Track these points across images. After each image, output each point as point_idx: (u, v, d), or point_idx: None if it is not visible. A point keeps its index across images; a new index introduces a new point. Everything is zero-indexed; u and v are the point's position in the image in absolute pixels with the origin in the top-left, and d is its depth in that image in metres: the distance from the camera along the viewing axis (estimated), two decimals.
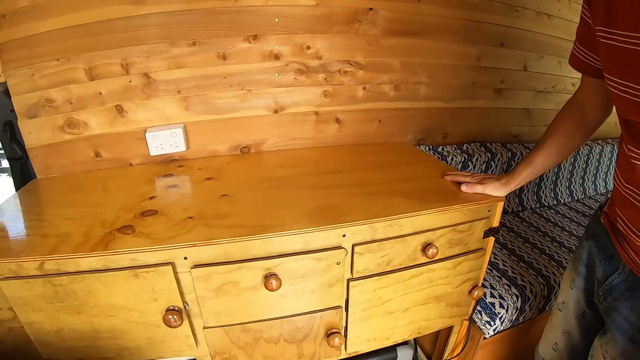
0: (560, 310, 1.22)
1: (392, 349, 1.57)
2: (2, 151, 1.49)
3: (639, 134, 0.82)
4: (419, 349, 1.77)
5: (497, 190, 1.25)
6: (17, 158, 1.45)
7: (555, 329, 1.25)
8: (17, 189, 1.42)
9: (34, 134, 1.43)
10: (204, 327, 1.11)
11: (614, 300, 0.96)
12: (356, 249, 1.11)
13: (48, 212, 1.19)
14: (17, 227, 1.10)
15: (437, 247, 1.16)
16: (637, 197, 0.84)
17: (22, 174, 1.47)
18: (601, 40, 0.84)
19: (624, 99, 0.80)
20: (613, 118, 2.54)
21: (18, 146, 1.43)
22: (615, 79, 0.82)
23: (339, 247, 1.09)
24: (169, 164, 1.56)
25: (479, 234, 1.25)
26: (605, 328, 1.00)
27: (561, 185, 2.35)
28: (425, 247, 1.17)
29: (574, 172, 2.38)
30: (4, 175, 4.55)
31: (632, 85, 0.76)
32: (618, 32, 0.78)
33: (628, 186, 0.87)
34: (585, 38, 0.97)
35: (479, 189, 1.26)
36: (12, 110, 1.40)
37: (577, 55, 1.03)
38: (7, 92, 1.37)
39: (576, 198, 2.44)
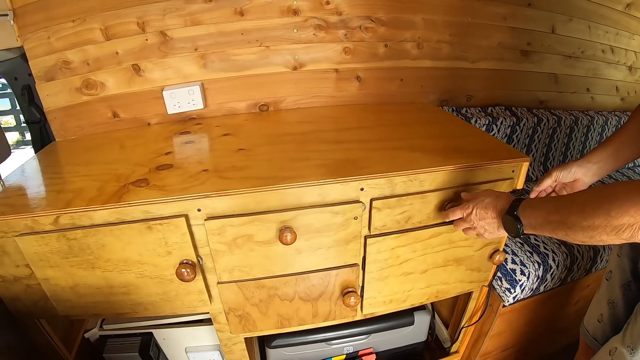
0: (608, 280, 1.23)
1: (409, 313, 1.55)
2: (25, 124, 1.50)
3: None
4: (436, 316, 1.76)
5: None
6: (35, 121, 1.47)
7: (601, 299, 1.25)
8: (36, 152, 1.43)
9: (52, 96, 1.44)
10: (218, 283, 1.11)
11: None
12: (374, 203, 1.08)
13: (64, 171, 1.20)
14: (33, 185, 1.11)
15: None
16: None
17: (41, 137, 1.49)
18: None
19: None
20: None
21: (36, 109, 1.45)
22: None
23: (357, 201, 1.07)
24: (186, 122, 1.55)
25: None
26: None
27: None
28: (446, 205, 1.13)
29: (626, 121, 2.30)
30: (28, 147, 4.63)
31: None
32: None
33: None
34: None
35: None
36: (30, 74, 1.41)
37: None
38: (24, 56, 1.38)
39: None
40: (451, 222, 1.12)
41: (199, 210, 1.00)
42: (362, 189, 1.06)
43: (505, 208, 0.94)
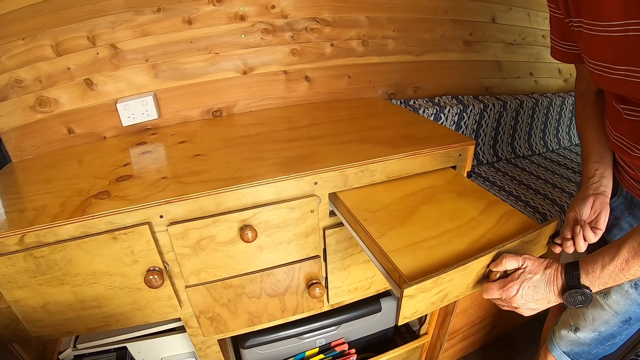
0: None
1: (376, 300, 1.60)
2: None
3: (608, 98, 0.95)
4: None
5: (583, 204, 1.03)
6: None
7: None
8: None
9: (6, 116, 1.41)
10: (186, 287, 1.13)
11: (615, 219, 1.06)
12: (330, 196, 1.13)
13: (25, 190, 1.19)
14: None
15: None
16: (626, 143, 0.93)
17: None
18: (574, 29, 0.92)
19: (595, 74, 0.90)
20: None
21: None
22: (588, 59, 0.91)
23: (312, 195, 1.11)
24: (142, 133, 1.55)
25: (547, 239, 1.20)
26: None
27: (535, 136, 2.38)
28: (486, 271, 1.01)
29: (548, 123, 2.41)
30: None
31: (601, 63, 0.86)
32: (586, 20, 0.86)
33: (617, 134, 0.96)
34: (563, 32, 1.03)
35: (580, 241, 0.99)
36: None
37: (561, 50, 1.08)
38: None
39: (551, 149, 2.47)
40: None
41: (161, 216, 1.02)
42: (315, 183, 1.10)
43: (563, 284, 0.82)
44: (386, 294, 1.61)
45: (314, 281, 1.25)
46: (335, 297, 1.33)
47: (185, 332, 1.28)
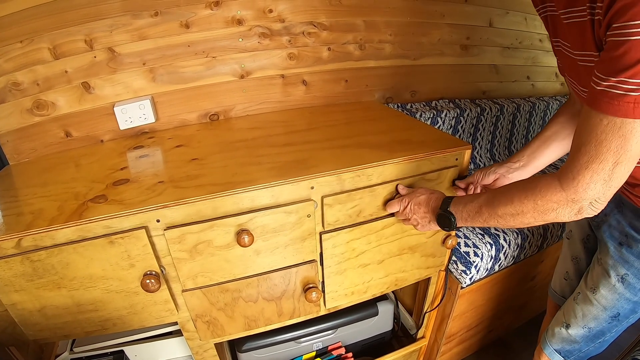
0: (568, 239, 1.34)
1: (373, 304, 1.60)
2: None
3: None
4: (399, 304, 1.81)
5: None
6: None
7: (565, 258, 1.35)
8: None
9: (3, 120, 1.41)
10: (183, 291, 1.13)
11: (604, 216, 1.11)
12: (325, 200, 1.12)
13: (22, 194, 1.19)
14: None
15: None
16: None
17: None
18: (554, 47, 1.02)
19: (571, 89, 1.05)
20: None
21: None
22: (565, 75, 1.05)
23: (308, 200, 1.11)
24: (139, 136, 1.55)
25: (448, 183, 1.27)
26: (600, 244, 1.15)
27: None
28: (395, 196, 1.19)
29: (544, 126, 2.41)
30: None
31: (573, 81, 0.99)
32: (562, 41, 0.95)
33: None
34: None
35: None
36: None
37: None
38: None
39: None
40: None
41: (158, 220, 1.01)
42: (312, 188, 1.11)
43: (437, 205, 1.06)
44: (383, 297, 1.62)
45: (311, 285, 1.25)
46: (332, 301, 1.33)
47: (182, 336, 1.27)
